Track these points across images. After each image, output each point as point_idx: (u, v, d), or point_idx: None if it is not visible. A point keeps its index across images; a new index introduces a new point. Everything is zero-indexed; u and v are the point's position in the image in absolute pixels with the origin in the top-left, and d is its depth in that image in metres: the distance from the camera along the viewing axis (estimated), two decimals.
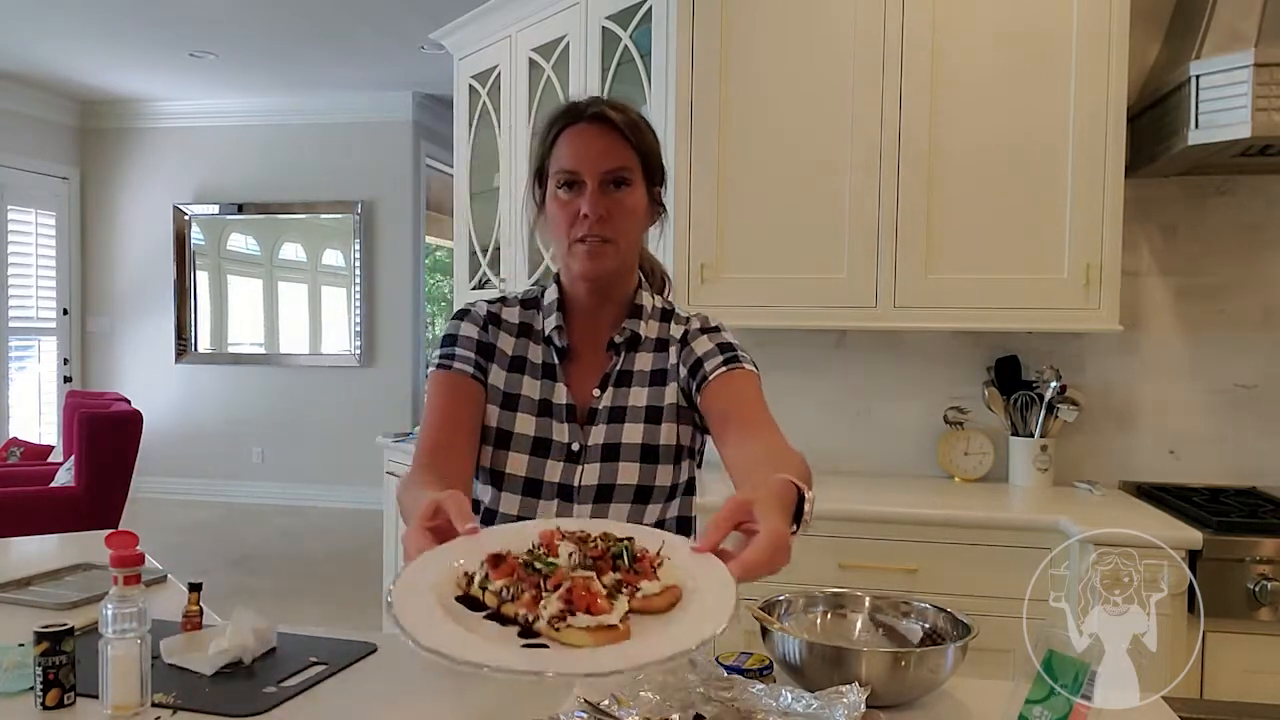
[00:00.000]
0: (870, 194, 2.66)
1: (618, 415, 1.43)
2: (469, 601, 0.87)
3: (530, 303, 1.51)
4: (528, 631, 0.83)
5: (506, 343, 1.47)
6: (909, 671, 1.21)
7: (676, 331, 1.50)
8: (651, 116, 2.97)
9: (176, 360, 7.52)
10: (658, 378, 1.46)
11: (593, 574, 0.87)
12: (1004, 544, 2.37)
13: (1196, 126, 2.32)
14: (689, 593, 0.87)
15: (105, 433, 4.59)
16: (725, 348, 1.44)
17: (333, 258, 7.40)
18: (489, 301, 1.51)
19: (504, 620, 0.85)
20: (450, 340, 1.46)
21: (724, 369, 1.41)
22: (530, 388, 1.45)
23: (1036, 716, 1.06)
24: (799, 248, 2.72)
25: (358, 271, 7.28)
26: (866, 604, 1.42)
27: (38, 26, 5.55)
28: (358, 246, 7.26)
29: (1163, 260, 2.83)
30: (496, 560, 0.91)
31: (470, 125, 4.05)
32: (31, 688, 1.16)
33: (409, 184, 7.22)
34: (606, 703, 1.09)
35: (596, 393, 1.45)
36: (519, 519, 1.40)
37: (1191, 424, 2.83)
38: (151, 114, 7.44)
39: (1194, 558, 2.18)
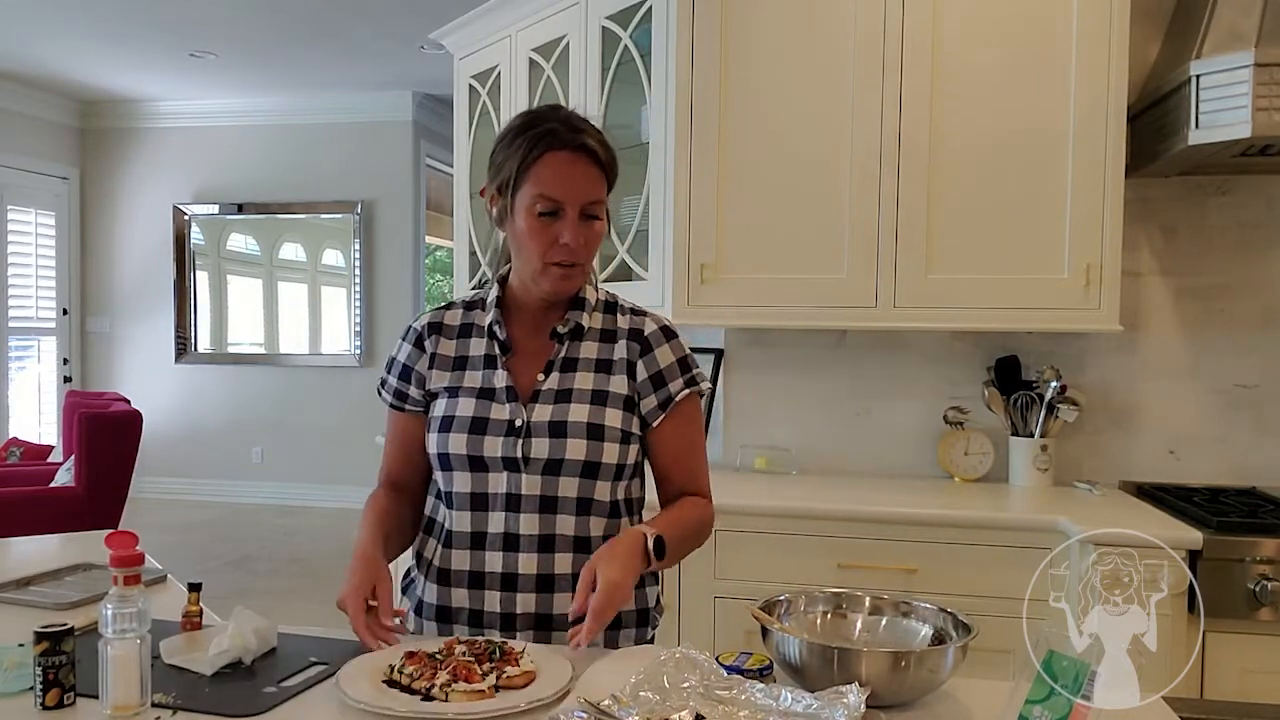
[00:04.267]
0: (870, 194, 2.66)
1: (564, 397, 1.49)
2: (391, 684, 1.24)
3: (474, 304, 1.59)
4: (427, 697, 1.19)
5: (447, 347, 1.55)
6: (909, 672, 1.21)
7: (624, 323, 1.57)
8: (651, 116, 2.98)
9: (176, 360, 7.52)
10: (604, 366, 1.53)
11: (474, 660, 1.26)
12: (1004, 544, 2.37)
13: (1197, 126, 2.32)
14: (540, 675, 1.25)
15: (105, 433, 4.59)
16: (684, 365, 1.55)
17: (333, 258, 7.40)
18: (436, 309, 1.60)
19: (412, 693, 1.21)
20: (390, 364, 1.59)
21: (685, 391, 1.54)
22: (472, 379, 1.52)
23: (1036, 716, 1.06)
24: (799, 248, 2.71)
25: (358, 271, 7.28)
26: (866, 604, 1.42)
27: (38, 26, 5.55)
28: (358, 246, 7.26)
29: (1163, 260, 2.83)
30: (411, 655, 1.27)
31: (470, 125, 4.05)
32: (31, 688, 1.16)
33: (409, 184, 7.23)
34: (607, 703, 1.10)
35: (540, 377, 1.51)
36: (471, 496, 1.48)
37: (1191, 424, 2.83)
38: (151, 114, 7.45)
39: (1194, 558, 2.18)
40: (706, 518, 1.56)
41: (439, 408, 1.51)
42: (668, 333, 1.57)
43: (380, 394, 1.59)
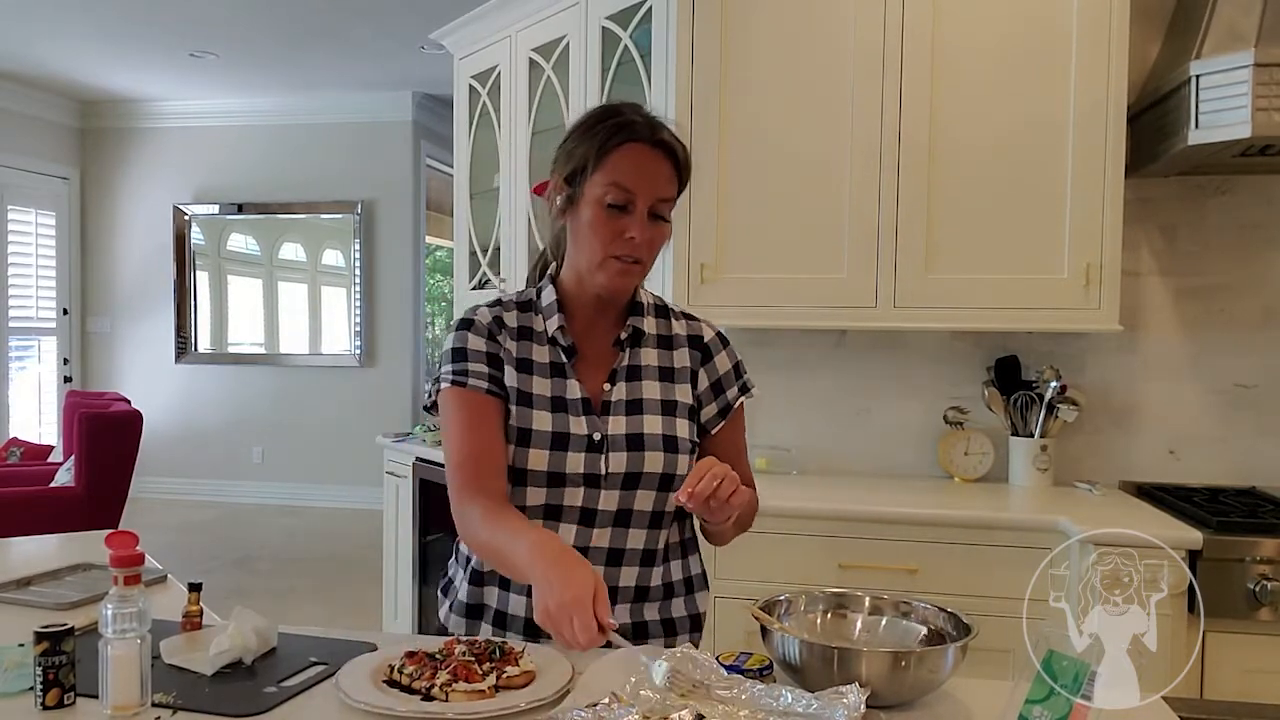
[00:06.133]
0: (870, 194, 2.66)
1: (635, 408, 1.48)
2: (391, 684, 1.24)
3: (525, 305, 1.53)
4: (428, 697, 1.19)
5: (510, 345, 1.49)
6: (909, 672, 1.21)
7: (680, 329, 1.57)
8: None
9: (176, 360, 7.53)
10: (667, 374, 1.52)
11: (474, 660, 1.25)
12: (1004, 544, 2.37)
13: (1196, 126, 2.32)
14: (540, 675, 1.26)
15: (105, 433, 4.59)
16: (738, 371, 1.59)
17: (333, 258, 7.40)
18: (489, 306, 1.52)
19: (412, 693, 1.21)
20: (460, 355, 1.47)
21: (740, 398, 1.58)
22: (541, 386, 1.47)
23: (1036, 716, 1.06)
24: (799, 248, 2.72)
25: (358, 271, 7.28)
26: (866, 604, 1.42)
27: (38, 27, 5.55)
28: (358, 246, 7.26)
29: (1163, 260, 2.83)
30: (411, 655, 1.27)
31: (470, 125, 4.05)
32: (31, 688, 1.16)
33: (409, 184, 7.23)
34: (607, 700, 1.10)
35: (607, 386, 1.49)
36: (545, 508, 1.45)
37: (1191, 424, 2.83)
38: (152, 114, 7.45)
39: (1194, 558, 2.18)
40: (756, 502, 1.57)
41: (512, 415, 1.45)
42: (723, 339, 1.60)
43: (466, 383, 1.44)
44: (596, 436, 1.45)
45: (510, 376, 1.46)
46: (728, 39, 2.73)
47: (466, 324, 1.49)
